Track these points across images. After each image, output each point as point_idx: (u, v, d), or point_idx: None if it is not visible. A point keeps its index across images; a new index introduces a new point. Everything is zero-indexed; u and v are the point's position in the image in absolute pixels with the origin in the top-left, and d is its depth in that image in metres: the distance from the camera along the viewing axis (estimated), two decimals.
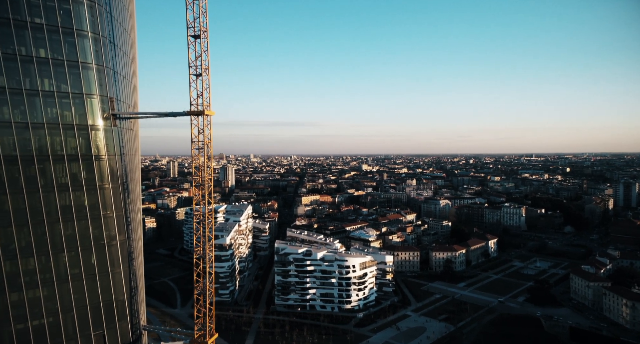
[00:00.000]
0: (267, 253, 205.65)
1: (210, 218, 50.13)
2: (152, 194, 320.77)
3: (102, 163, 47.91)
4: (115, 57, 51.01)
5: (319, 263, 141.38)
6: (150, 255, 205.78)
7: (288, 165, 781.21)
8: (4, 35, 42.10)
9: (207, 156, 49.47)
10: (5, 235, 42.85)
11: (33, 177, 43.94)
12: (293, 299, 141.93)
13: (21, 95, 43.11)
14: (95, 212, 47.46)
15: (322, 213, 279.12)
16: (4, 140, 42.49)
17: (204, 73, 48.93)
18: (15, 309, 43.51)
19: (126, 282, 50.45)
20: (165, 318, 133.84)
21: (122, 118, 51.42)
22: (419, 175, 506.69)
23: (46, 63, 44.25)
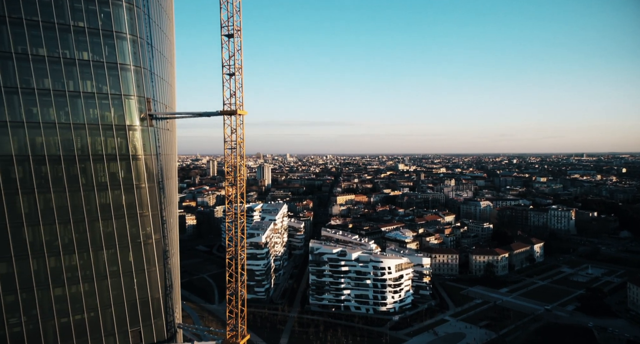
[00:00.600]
0: (302, 252, 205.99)
1: (243, 218, 49.92)
2: (192, 192, 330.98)
3: (139, 162, 48.93)
4: (153, 59, 51.94)
5: (353, 263, 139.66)
6: (190, 251, 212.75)
7: (323, 164, 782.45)
8: (50, 39, 43.84)
9: (240, 156, 49.24)
10: (50, 232, 44.70)
11: (75, 176, 45.55)
12: (327, 299, 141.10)
13: (64, 97, 44.78)
14: (132, 211, 48.61)
15: (357, 213, 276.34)
16: (49, 140, 44.29)
17: (237, 72, 48.72)
18: (59, 303, 45.34)
19: (161, 280, 51.35)
20: (203, 313, 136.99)
21: (158, 118, 52.32)
22: (458, 175, 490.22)
23: (87, 66, 45.66)
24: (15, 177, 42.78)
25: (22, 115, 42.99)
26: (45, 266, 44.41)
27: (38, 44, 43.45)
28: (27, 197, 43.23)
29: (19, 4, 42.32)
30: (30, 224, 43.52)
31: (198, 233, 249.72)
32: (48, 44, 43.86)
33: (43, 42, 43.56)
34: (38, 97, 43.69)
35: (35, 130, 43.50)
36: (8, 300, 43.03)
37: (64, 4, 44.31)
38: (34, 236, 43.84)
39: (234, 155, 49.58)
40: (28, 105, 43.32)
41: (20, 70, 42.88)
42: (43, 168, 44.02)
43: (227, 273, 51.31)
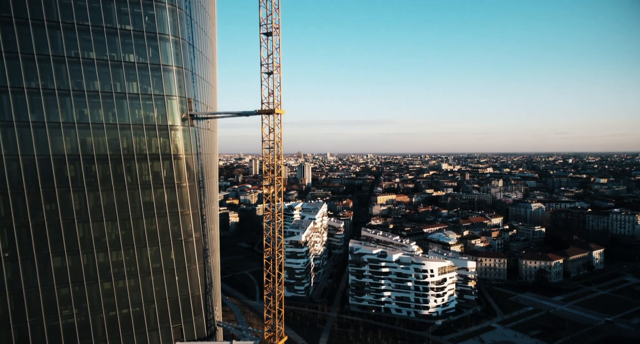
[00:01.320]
0: (341, 252, 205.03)
1: (280, 218, 49.49)
2: (235, 190, 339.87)
3: (180, 162, 49.91)
4: (194, 59, 52.80)
5: (394, 265, 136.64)
6: (232, 248, 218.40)
7: (364, 163, 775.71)
8: (98, 43, 45.68)
9: (277, 155, 48.81)
10: (99, 229, 46.67)
11: (121, 175, 47.25)
12: (367, 300, 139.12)
13: (111, 98, 46.53)
14: (173, 210, 49.70)
15: (398, 213, 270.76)
16: (98, 140, 46.20)
17: (275, 71, 48.34)
18: (107, 297, 47.28)
19: (202, 278, 52.20)
20: (245, 309, 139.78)
21: (198, 118, 53.14)
22: (507, 175, 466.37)
23: (132, 67, 47.15)
24: (67, 176, 45.02)
25: (74, 116, 45.11)
26: (94, 262, 46.43)
27: (88, 48, 45.38)
28: (77, 195, 45.38)
29: (72, 10, 44.37)
30: (80, 221, 45.68)
31: (240, 230, 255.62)
32: (97, 47, 45.71)
33: (92, 45, 45.45)
34: (88, 98, 45.68)
35: (85, 130, 45.53)
36: (62, 293, 45.41)
37: (111, 8, 45.96)
38: (84, 232, 45.97)
39: (272, 155, 49.24)
40: (79, 106, 45.43)
41: (72, 74, 44.99)
42: (92, 167, 46.03)
43: (264, 273, 51.19)
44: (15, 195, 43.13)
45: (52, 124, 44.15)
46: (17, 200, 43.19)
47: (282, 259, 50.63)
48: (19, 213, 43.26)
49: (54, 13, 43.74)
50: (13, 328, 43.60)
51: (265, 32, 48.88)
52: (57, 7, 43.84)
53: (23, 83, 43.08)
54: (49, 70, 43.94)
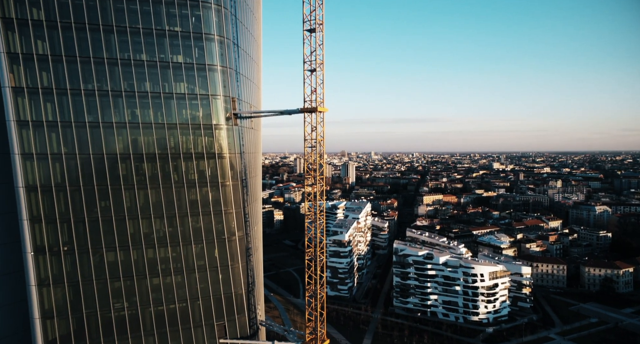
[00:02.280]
0: (385, 252, 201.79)
1: (322, 219, 48.46)
2: (280, 188, 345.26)
3: (224, 161, 50.39)
4: (239, 58, 53.08)
5: (441, 268, 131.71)
6: (277, 245, 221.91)
7: (409, 162, 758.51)
8: (149, 45, 47.10)
9: (320, 154, 47.78)
10: (148, 225, 48.27)
11: (168, 174, 48.50)
12: (412, 303, 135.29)
13: (160, 99, 47.83)
14: (217, 208, 50.32)
15: (445, 214, 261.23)
16: (147, 140, 47.74)
17: (318, 68, 47.31)
18: (155, 293, 48.83)
19: (244, 277, 52.49)
20: (289, 306, 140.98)
21: (242, 117, 53.40)
22: (566, 176, 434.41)
23: (180, 68, 48.16)
24: (119, 174, 46.91)
25: (125, 116, 46.88)
26: (144, 257, 48.08)
27: (139, 50, 46.92)
28: (128, 193, 47.17)
29: (124, 14, 46.05)
30: (131, 217, 47.45)
31: (285, 227, 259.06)
32: (147, 49, 47.14)
33: (143, 47, 46.94)
34: (138, 99, 47.26)
35: (136, 130, 47.15)
36: (114, 286, 47.49)
37: (161, 10, 47.19)
38: (134, 228, 47.71)
39: (314, 153, 48.30)
40: (130, 107, 47.13)
41: (124, 75, 46.76)
42: (142, 165, 47.61)
43: (306, 274, 50.43)
44: (74, 191, 45.59)
45: (106, 124, 46.16)
46: (75, 197, 45.65)
47: (324, 260, 49.58)
48: (77, 209, 45.71)
49: (109, 17, 45.61)
50: (71, 318, 46.23)
51: (308, 29, 47.99)
52: (111, 12, 45.65)
53: (81, 85, 45.37)
54: (104, 72, 45.93)
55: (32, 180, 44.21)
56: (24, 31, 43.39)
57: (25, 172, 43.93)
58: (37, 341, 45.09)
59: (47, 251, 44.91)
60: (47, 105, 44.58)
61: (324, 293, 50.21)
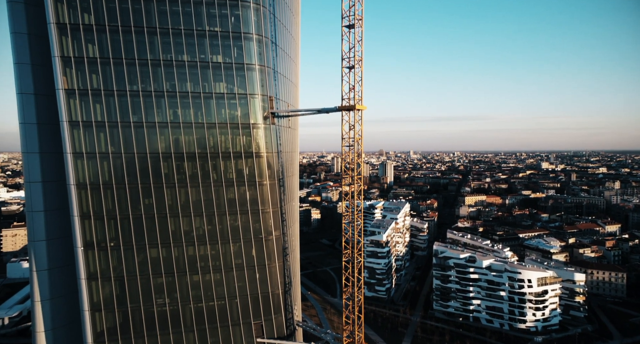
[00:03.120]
0: (425, 254, 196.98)
1: (360, 220, 47.17)
2: (317, 188, 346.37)
3: (261, 160, 50.45)
4: (277, 57, 52.94)
5: (484, 272, 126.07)
6: (314, 244, 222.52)
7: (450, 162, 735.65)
8: (190, 45, 47.97)
9: (357, 153, 46.53)
10: (189, 223, 49.27)
11: (207, 172, 49.21)
12: (454, 307, 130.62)
13: (200, 99, 48.61)
14: (255, 207, 50.46)
15: (488, 215, 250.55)
16: (188, 139, 48.69)
17: (356, 65, 46.10)
18: (195, 290, 49.78)
19: (281, 277, 52.35)
20: (325, 305, 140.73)
21: (279, 116, 53.22)
22: (626, 176, 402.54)
23: (219, 68, 48.71)
24: (161, 173, 48.17)
25: (167, 116, 48.03)
26: (184, 255, 49.14)
27: (180, 51, 47.89)
28: (170, 191, 48.35)
29: (167, 16, 47.16)
30: (172, 215, 48.62)
31: (322, 226, 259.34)
32: (188, 50, 48.04)
33: (184, 48, 47.87)
34: (179, 99, 48.29)
35: (177, 129, 48.24)
36: (157, 282, 48.89)
37: (201, 11, 47.90)
38: (175, 226, 48.86)
39: (352, 152, 47.13)
40: (172, 107, 48.25)
41: (166, 76, 47.93)
42: (182, 164, 48.64)
43: (343, 276, 49.41)
44: (119, 189, 47.35)
45: (149, 124, 47.52)
46: (120, 194, 47.41)
47: (362, 262, 48.26)
48: (122, 206, 47.46)
49: (153, 19, 46.87)
50: (117, 311, 48.11)
51: (347, 25, 46.87)
52: (155, 14, 46.90)
53: (126, 86, 46.99)
54: (148, 73, 47.31)
55: (82, 178, 46.36)
56: (76, 35, 45.51)
57: (76, 170, 46.15)
58: (86, 332, 47.33)
59: (96, 246, 47.00)
60: (95, 106, 46.56)
61: (362, 295, 48.94)
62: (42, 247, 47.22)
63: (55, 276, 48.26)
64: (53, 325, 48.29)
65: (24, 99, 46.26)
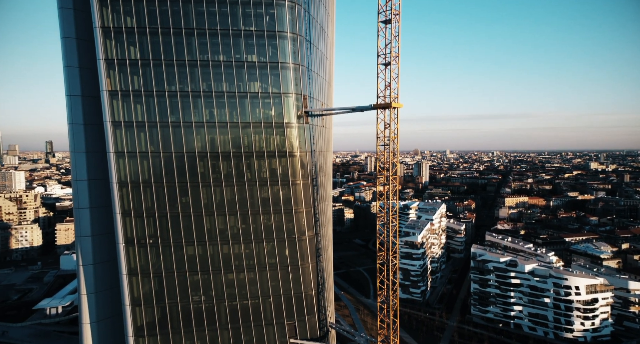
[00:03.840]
0: (461, 256, 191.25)
1: (395, 221, 45.73)
2: (350, 187, 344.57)
3: (295, 159, 50.16)
4: (311, 55, 52.46)
5: (526, 276, 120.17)
6: (347, 244, 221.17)
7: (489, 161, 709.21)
8: (225, 45, 48.43)
9: (393, 152, 45.11)
10: (223, 222, 49.84)
11: (241, 172, 49.54)
12: (493, 313, 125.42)
13: (234, 98, 49.01)
14: (288, 207, 50.27)
15: (531, 217, 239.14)
16: (223, 139, 49.23)
17: (393, 61, 44.68)
18: (229, 288, 50.31)
19: (314, 277, 51.88)
20: (359, 306, 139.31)
21: (313, 115, 52.71)
22: None
23: (254, 67, 48.89)
24: (197, 172, 49.00)
25: (203, 116, 48.76)
26: (219, 253, 49.77)
27: (216, 51, 48.49)
28: (205, 190, 49.10)
29: (204, 17, 47.85)
30: (207, 214, 49.36)
31: (355, 226, 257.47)
32: (224, 50, 48.57)
33: (220, 48, 48.42)
34: (215, 99, 48.90)
35: (212, 129, 48.88)
36: (193, 279, 49.83)
37: (237, 11, 48.22)
38: (210, 225, 49.58)
39: (387, 152, 45.79)
40: (208, 107, 48.95)
41: (203, 76, 48.66)
42: (217, 163, 49.24)
43: (378, 279, 48.17)
44: (158, 188, 48.64)
45: (186, 124, 48.46)
46: (159, 193, 48.69)
47: (397, 265, 46.81)
48: (160, 204, 48.71)
49: (190, 21, 47.70)
50: (156, 306, 49.46)
51: (383, 20, 45.56)
52: (192, 15, 47.70)
53: (165, 87, 48.15)
54: (185, 74, 48.26)
55: (124, 177, 47.99)
56: (119, 38, 47.12)
57: (118, 169, 47.83)
58: (127, 326, 49.02)
59: (136, 243, 48.55)
60: (136, 107, 48.04)
61: (397, 299, 47.51)
62: (87, 242, 49.37)
63: (99, 271, 50.30)
64: (98, 318, 50.38)
65: (72, 101, 48.54)
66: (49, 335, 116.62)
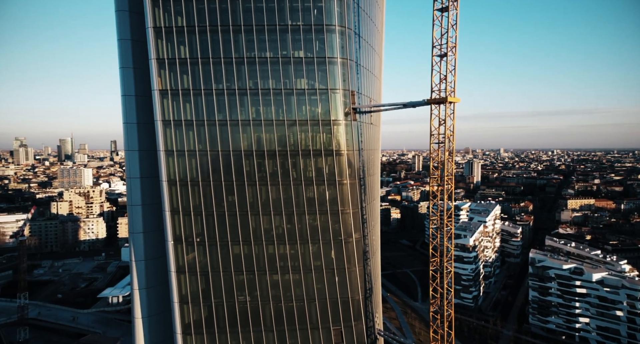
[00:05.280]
0: (517, 261, 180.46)
1: (450, 225, 42.23)
2: (397, 186, 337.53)
3: (341, 158, 48.10)
4: (360, 49, 50.10)
5: (594, 286, 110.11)
6: (394, 244, 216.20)
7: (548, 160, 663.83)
8: (272, 42, 47.40)
9: (448, 151, 41.62)
10: (269, 222, 49.00)
11: (287, 170, 48.33)
12: (555, 324, 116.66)
13: (281, 95, 47.83)
14: (334, 207, 48.32)
15: (598, 221, 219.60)
16: (269, 137, 48.31)
17: (449, 52, 41.11)
18: (274, 289, 49.36)
19: (361, 282, 49.59)
20: (406, 309, 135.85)
21: (361, 112, 50.32)
22: None
23: (300, 63, 47.37)
24: (243, 170, 48.50)
25: (250, 114, 48.14)
26: (264, 253, 48.99)
27: (263, 48, 47.57)
28: (251, 188, 48.46)
29: (251, 13, 47.10)
30: (253, 213, 48.71)
31: (402, 226, 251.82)
32: (270, 47, 47.53)
33: (267, 45, 47.43)
34: (261, 96, 48.09)
35: (258, 127, 48.11)
36: (239, 279, 49.47)
37: (284, 6, 47.00)
38: (256, 224, 48.92)
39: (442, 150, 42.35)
40: (254, 104, 48.24)
41: (249, 74, 48.01)
42: (263, 162, 48.39)
43: (430, 287, 44.87)
44: (205, 186, 48.73)
45: (233, 122, 48.07)
46: (206, 191, 48.77)
47: (452, 272, 43.29)
48: (207, 202, 48.76)
49: (238, 18, 47.15)
50: (202, 305, 49.70)
51: (439, 8, 42.13)
52: (240, 12, 47.11)
53: (212, 85, 48.07)
54: (232, 71, 47.87)
55: (173, 175, 48.57)
56: (170, 38, 47.65)
57: (168, 167, 48.49)
58: (176, 323, 49.69)
59: (184, 241, 49.00)
60: (185, 105, 48.41)
61: (452, 310, 44.00)
62: (139, 239, 50.62)
63: (151, 267, 51.39)
64: (149, 313, 51.54)
65: (126, 101, 49.87)
66: (110, 322, 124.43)
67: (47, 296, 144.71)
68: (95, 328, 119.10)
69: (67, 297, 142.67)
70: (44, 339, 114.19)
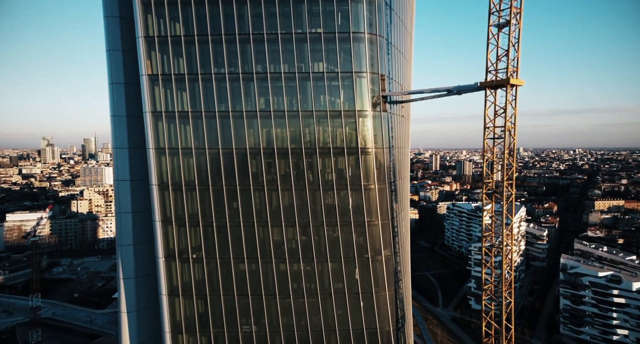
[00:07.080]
0: (543, 265, 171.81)
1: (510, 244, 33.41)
2: (415, 186, 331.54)
3: (368, 158, 39.49)
4: (391, 24, 41.28)
5: (634, 296, 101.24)
6: (412, 246, 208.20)
7: (570, 160, 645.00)
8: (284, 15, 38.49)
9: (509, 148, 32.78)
10: (280, 234, 40.85)
11: (302, 172, 40.05)
12: (589, 335, 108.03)
13: (294, 81, 39.12)
14: (359, 218, 39.74)
15: (630, 224, 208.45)
16: (280, 132, 39.78)
17: (513, 20, 31.91)
18: (286, 316, 41.27)
19: (392, 309, 41.04)
20: (427, 315, 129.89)
21: (393, 101, 41.55)
22: None
23: (318, 40, 38.07)
24: (248, 172, 40.07)
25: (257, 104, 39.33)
26: (274, 273, 40.87)
27: (273, 23, 39.01)
28: (258, 194, 40.17)
29: None
30: (260, 224, 40.53)
31: (420, 227, 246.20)
32: (282, 22, 39.01)
33: (277, 20, 38.91)
34: (271, 82, 39.69)
35: (267, 120, 38.63)
36: (242, 303, 41.38)
37: None
38: (264, 237, 40.83)
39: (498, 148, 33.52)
40: (262, 92, 39.86)
41: (256, 55, 39.75)
42: (273, 162, 40.11)
43: (483, 322, 36.05)
44: (203, 191, 40.64)
45: (236, 114, 39.80)
46: (204, 197, 40.68)
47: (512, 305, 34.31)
48: (206, 211, 40.81)
49: None
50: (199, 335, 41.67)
51: None
52: None
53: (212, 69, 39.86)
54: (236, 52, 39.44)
55: (165, 178, 40.89)
56: (161, 11, 39.76)
57: (159, 169, 40.81)
58: None
59: (178, 257, 41.18)
60: (180, 94, 40.66)
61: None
62: (129, 252, 43.03)
63: (142, 285, 43.92)
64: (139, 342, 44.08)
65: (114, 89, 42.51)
66: None
67: (64, 294, 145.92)
68: (110, 329, 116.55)
69: (83, 296, 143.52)
70: (59, 339, 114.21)
